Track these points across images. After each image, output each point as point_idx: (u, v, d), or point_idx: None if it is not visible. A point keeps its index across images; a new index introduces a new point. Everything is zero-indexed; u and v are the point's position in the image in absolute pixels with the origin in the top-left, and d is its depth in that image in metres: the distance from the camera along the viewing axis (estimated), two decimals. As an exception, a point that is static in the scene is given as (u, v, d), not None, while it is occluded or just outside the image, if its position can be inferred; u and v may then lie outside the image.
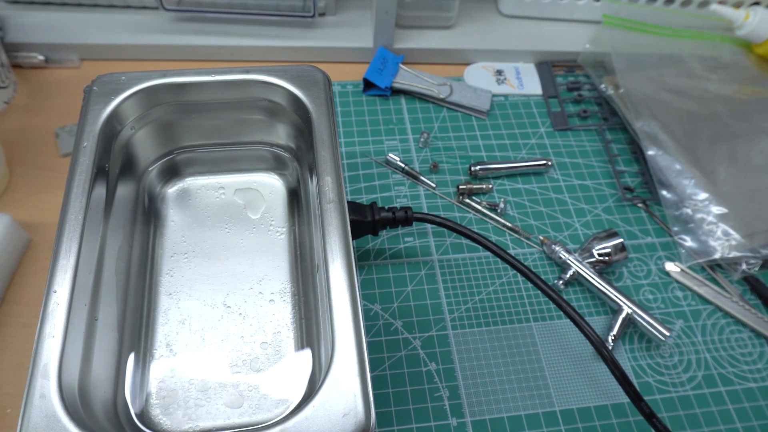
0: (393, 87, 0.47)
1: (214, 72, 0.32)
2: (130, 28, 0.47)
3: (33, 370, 0.22)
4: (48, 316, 0.23)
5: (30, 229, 0.37)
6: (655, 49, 0.49)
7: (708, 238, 0.39)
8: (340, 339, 0.23)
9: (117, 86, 0.31)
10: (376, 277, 0.37)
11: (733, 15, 0.47)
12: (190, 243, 0.34)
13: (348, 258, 0.26)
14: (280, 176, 0.37)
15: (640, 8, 0.50)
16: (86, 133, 0.29)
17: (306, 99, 0.31)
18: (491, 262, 0.38)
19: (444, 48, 0.49)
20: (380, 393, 0.32)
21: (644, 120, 0.44)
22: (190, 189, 0.36)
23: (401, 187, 0.41)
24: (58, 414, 0.21)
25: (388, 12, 0.45)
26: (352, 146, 0.43)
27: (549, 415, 0.33)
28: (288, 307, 0.32)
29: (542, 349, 0.35)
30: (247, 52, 0.48)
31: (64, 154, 0.41)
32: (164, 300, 0.32)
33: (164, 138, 0.35)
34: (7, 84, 0.43)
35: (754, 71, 0.48)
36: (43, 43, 0.45)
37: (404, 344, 0.34)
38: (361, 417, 0.22)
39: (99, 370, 0.26)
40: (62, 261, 0.25)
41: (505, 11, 0.52)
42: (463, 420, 0.32)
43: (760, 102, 0.46)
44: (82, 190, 0.27)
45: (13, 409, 0.31)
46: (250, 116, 0.35)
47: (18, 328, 0.33)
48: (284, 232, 0.35)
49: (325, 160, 0.29)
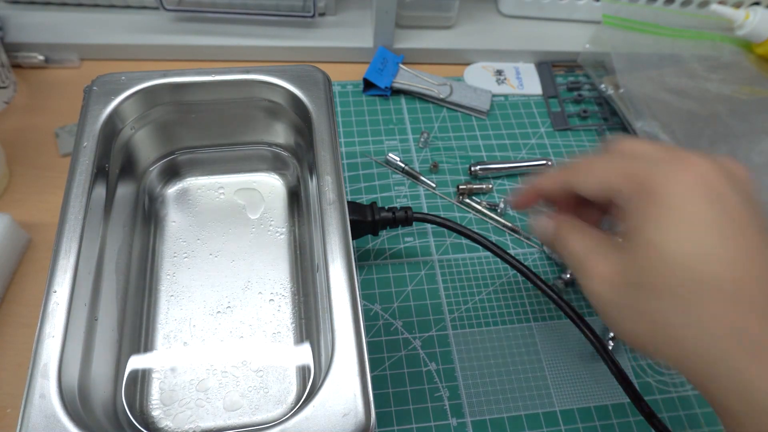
0: (393, 87, 0.47)
1: (214, 72, 0.32)
2: (130, 28, 0.47)
3: (33, 370, 0.22)
4: (48, 316, 0.23)
5: (30, 229, 0.37)
6: (655, 49, 0.49)
7: (708, 238, 0.39)
8: (340, 339, 0.23)
9: (117, 86, 0.31)
10: (376, 277, 0.37)
11: (733, 15, 0.47)
12: (190, 243, 0.34)
13: (348, 258, 0.26)
14: (280, 176, 0.37)
15: (640, 8, 0.50)
16: (86, 133, 0.29)
17: (306, 99, 0.31)
18: (491, 262, 0.38)
19: (444, 48, 0.49)
20: (380, 393, 0.32)
21: (644, 120, 0.44)
22: (190, 189, 0.36)
23: (401, 187, 0.41)
24: (57, 414, 0.21)
25: (388, 12, 0.45)
26: (352, 146, 0.43)
27: (549, 415, 0.33)
28: (288, 307, 0.32)
29: (542, 349, 0.35)
30: (247, 52, 0.48)
31: (64, 154, 0.41)
32: (164, 300, 0.32)
33: (164, 138, 0.35)
34: (7, 84, 0.43)
35: (754, 71, 0.48)
36: (43, 43, 0.45)
37: (404, 344, 0.34)
38: (361, 417, 0.22)
39: (99, 370, 0.26)
40: (62, 261, 0.25)
41: (505, 11, 0.52)
42: (463, 420, 0.32)
43: (760, 102, 0.46)
44: (82, 190, 0.27)
45: (13, 409, 0.31)
46: (250, 116, 0.35)
47: (18, 328, 0.33)
48: (284, 232, 0.35)
49: (325, 160, 0.29)
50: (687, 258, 0.21)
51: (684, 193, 0.22)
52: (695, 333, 0.21)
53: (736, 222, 0.22)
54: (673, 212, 0.22)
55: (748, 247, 0.21)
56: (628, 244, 0.23)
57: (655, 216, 0.22)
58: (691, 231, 0.22)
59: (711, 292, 0.21)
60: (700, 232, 0.21)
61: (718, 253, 0.21)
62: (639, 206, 0.23)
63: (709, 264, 0.21)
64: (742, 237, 0.21)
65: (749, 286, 0.21)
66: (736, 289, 0.21)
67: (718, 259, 0.21)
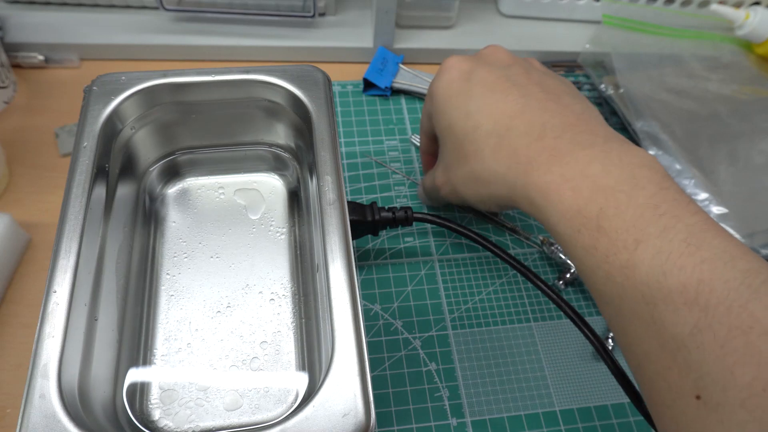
0: (393, 87, 0.47)
1: (214, 72, 0.32)
2: (130, 28, 0.47)
3: (33, 370, 0.22)
4: (48, 316, 0.23)
5: (30, 229, 0.37)
6: (655, 49, 0.49)
7: (708, 238, 0.39)
8: (340, 339, 0.23)
9: (117, 86, 0.31)
10: (376, 277, 0.37)
11: (733, 15, 0.47)
12: (190, 243, 0.34)
13: (348, 258, 0.26)
14: (280, 176, 0.37)
15: (640, 8, 0.50)
16: (86, 133, 0.29)
17: (306, 99, 0.31)
18: (491, 262, 0.38)
19: (444, 48, 0.49)
20: (380, 393, 0.32)
21: (644, 120, 0.44)
22: (190, 189, 0.36)
23: (401, 187, 0.41)
24: (57, 414, 0.21)
25: (388, 12, 0.45)
26: (352, 146, 0.43)
27: (549, 415, 0.33)
28: (288, 306, 0.32)
29: (542, 349, 0.35)
30: (247, 52, 0.48)
31: (64, 154, 0.41)
32: (164, 300, 0.32)
33: (164, 138, 0.35)
34: (7, 84, 0.43)
35: (754, 71, 0.48)
36: (43, 43, 0.45)
37: (404, 344, 0.34)
38: (361, 417, 0.22)
39: (99, 370, 0.26)
40: (62, 261, 0.25)
41: (505, 11, 0.52)
42: (463, 420, 0.32)
43: (760, 102, 0.46)
44: (82, 190, 0.27)
45: (12, 409, 0.31)
46: (250, 116, 0.35)
47: (18, 328, 0.33)
48: (284, 232, 0.35)
49: (325, 160, 0.29)
50: (464, 126, 0.30)
51: (443, 87, 0.31)
52: (500, 169, 0.28)
53: (487, 86, 0.29)
54: (442, 102, 0.31)
55: (497, 99, 0.29)
56: (440, 149, 0.33)
57: (436, 112, 0.32)
58: (457, 108, 0.30)
59: (488, 138, 0.28)
60: (462, 105, 0.30)
61: (479, 111, 0.29)
62: (432, 113, 0.33)
63: (480, 121, 0.29)
64: (491, 95, 0.29)
65: (511, 123, 0.28)
66: (496, 129, 0.28)
67: (483, 115, 0.29)
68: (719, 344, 0.19)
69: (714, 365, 0.19)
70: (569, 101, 0.29)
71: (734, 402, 0.18)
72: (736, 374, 0.18)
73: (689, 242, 0.21)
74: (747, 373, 0.18)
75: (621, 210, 0.23)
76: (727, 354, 0.19)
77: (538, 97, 0.29)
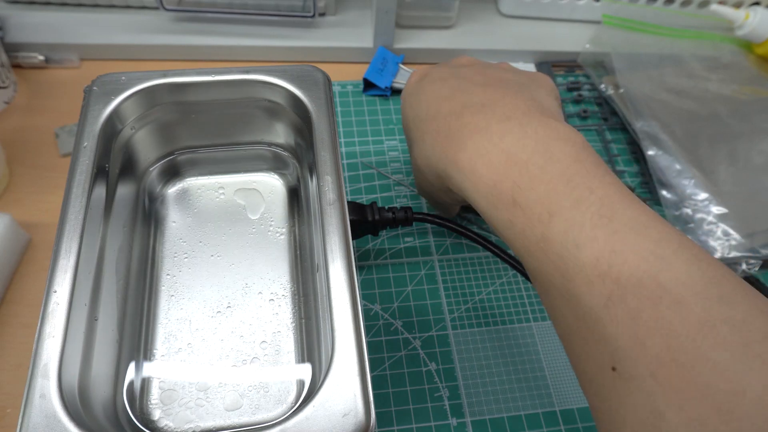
0: (393, 87, 0.47)
1: (214, 72, 0.32)
2: (130, 28, 0.47)
3: (33, 370, 0.22)
4: (48, 316, 0.23)
5: (30, 229, 0.37)
6: (655, 49, 0.49)
7: (708, 238, 0.39)
8: (340, 339, 0.23)
9: (117, 86, 0.31)
10: (376, 277, 0.37)
11: (733, 15, 0.47)
12: (190, 243, 0.34)
13: (348, 258, 0.26)
14: (280, 176, 0.37)
15: (640, 8, 0.50)
16: (86, 133, 0.29)
17: (306, 99, 0.31)
18: (491, 262, 0.38)
19: (444, 48, 0.49)
20: (380, 393, 0.32)
21: (644, 120, 0.44)
22: (190, 189, 0.36)
23: (401, 187, 0.41)
24: (58, 414, 0.21)
25: (388, 12, 0.45)
26: (352, 146, 0.43)
27: (549, 415, 0.33)
28: (288, 307, 0.32)
29: (542, 349, 0.35)
30: (247, 52, 0.48)
31: (64, 154, 0.41)
32: (164, 300, 0.32)
33: (164, 138, 0.35)
34: (7, 84, 0.43)
35: (754, 71, 0.48)
36: (43, 43, 0.45)
37: (404, 344, 0.34)
38: (361, 417, 0.22)
39: (99, 370, 0.26)
40: (62, 261, 0.25)
41: (505, 11, 0.52)
42: (463, 420, 0.32)
43: (760, 102, 0.46)
44: (82, 190, 0.27)
45: (13, 409, 0.31)
46: (250, 116, 0.35)
47: (18, 328, 0.33)
48: (284, 232, 0.35)
49: (325, 160, 0.29)
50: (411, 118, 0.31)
51: (405, 91, 0.33)
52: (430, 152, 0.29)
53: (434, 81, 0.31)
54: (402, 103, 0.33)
55: (436, 88, 0.30)
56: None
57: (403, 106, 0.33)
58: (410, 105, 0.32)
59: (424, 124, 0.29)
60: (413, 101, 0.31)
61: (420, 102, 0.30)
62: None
63: (419, 110, 0.30)
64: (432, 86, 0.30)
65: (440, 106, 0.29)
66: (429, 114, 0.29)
67: (423, 104, 0.30)
68: (631, 316, 0.19)
69: (627, 338, 0.19)
70: (510, 88, 0.28)
71: (645, 373, 0.19)
72: (647, 345, 0.19)
73: (602, 213, 0.21)
74: (656, 344, 0.18)
75: (534, 184, 0.23)
76: (639, 326, 0.19)
77: (474, 81, 0.29)
